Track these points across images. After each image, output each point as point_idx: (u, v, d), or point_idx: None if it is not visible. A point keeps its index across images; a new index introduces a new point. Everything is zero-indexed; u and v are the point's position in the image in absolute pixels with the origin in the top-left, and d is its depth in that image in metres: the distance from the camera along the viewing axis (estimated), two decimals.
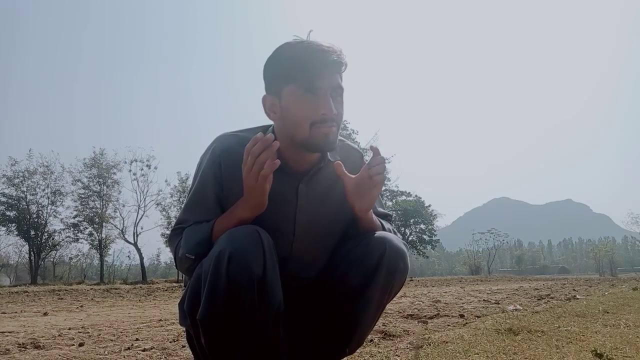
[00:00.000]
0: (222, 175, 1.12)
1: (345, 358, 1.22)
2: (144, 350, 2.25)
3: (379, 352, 2.03)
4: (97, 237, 24.10)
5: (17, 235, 23.19)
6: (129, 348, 2.32)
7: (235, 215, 1.05)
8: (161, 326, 3.39)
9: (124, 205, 24.67)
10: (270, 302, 1.00)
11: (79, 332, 3.07)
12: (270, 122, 1.17)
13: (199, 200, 1.14)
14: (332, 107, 1.03)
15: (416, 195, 33.99)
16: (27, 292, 11.08)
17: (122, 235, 24.18)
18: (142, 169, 24.23)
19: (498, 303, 5.16)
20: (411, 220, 32.97)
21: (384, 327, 2.93)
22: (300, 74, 1.03)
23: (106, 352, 2.22)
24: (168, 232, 25.02)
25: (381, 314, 1.20)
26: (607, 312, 3.52)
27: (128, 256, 29.50)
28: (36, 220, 23.13)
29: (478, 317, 3.62)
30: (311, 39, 1.07)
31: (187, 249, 1.08)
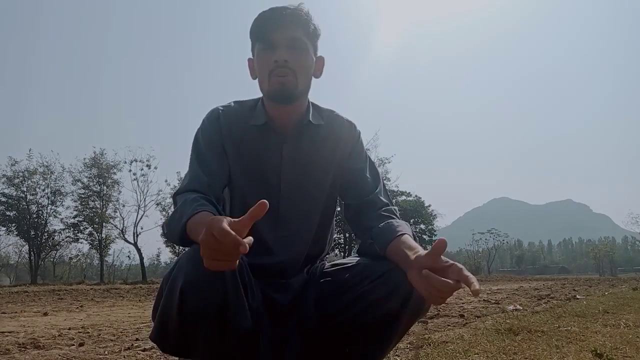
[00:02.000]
0: (220, 128, 1.19)
1: None
2: (144, 350, 2.25)
3: None
4: (97, 237, 24.09)
5: (17, 235, 23.20)
6: (129, 348, 2.32)
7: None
8: None
9: (124, 205, 24.67)
10: (233, 332, 0.94)
11: (79, 332, 3.07)
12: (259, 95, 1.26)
13: (202, 155, 1.17)
14: (282, 54, 1.10)
15: (416, 195, 34.03)
16: (27, 292, 11.08)
17: (122, 235, 24.17)
18: (142, 169, 24.19)
19: (498, 303, 5.16)
20: (411, 221, 32.96)
21: None
22: (261, 31, 1.13)
23: (106, 352, 2.21)
24: None
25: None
26: (607, 312, 3.52)
27: (128, 256, 29.52)
28: (36, 220, 23.13)
29: (478, 317, 3.62)
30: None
31: (167, 221, 1.08)
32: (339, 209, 1.36)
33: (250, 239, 0.75)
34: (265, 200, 0.76)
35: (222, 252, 0.75)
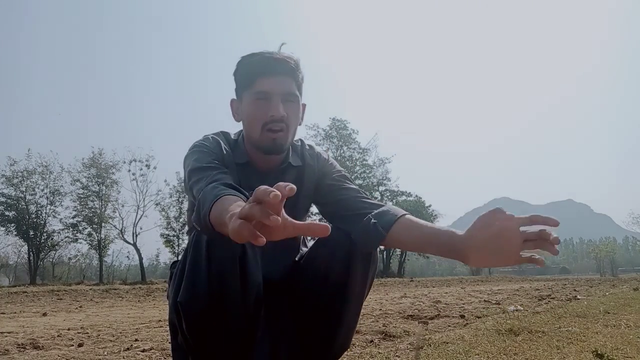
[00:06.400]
0: (222, 150, 1.19)
1: (346, 356, 1.21)
2: (143, 351, 2.25)
3: (379, 352, 2.02)
4: (96, 238, 24.06)
5: (16, 235, 23.16)
6: (128, 349, 2.32)
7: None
8: (160, 327, 3.38)
9: (123, 206, 24.62)
10: (251, 283, 1.00)
11: (78, 333, 3.07)
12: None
13: (208, 160, 1.13)
14: (279, 109, 1.12)
15: (416, 195, 34.00)
16: (26, 292, 11.07)
17: (121, 236, 24.13)
18: (141, 169, 24.14)
19: (499, 303, 5.15)
20: None
21: (384, 327, 2.92)
22: (255, 80, 1.13)
23: (105, 353, 2.21)
24: (167, 232, 25.07)
25: (361, 308, 1.21)
26: (608, 313, 3.51)
27: (127, 256, 29.45)
28: (35, 220, 23.10)
29: (479, 317, 3.62)
30: (282, 51, 1.17)
31: (194, 219, 1.01)
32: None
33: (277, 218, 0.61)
34: (327, 225, 0.65)
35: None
